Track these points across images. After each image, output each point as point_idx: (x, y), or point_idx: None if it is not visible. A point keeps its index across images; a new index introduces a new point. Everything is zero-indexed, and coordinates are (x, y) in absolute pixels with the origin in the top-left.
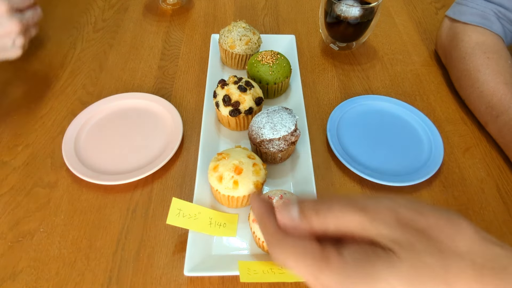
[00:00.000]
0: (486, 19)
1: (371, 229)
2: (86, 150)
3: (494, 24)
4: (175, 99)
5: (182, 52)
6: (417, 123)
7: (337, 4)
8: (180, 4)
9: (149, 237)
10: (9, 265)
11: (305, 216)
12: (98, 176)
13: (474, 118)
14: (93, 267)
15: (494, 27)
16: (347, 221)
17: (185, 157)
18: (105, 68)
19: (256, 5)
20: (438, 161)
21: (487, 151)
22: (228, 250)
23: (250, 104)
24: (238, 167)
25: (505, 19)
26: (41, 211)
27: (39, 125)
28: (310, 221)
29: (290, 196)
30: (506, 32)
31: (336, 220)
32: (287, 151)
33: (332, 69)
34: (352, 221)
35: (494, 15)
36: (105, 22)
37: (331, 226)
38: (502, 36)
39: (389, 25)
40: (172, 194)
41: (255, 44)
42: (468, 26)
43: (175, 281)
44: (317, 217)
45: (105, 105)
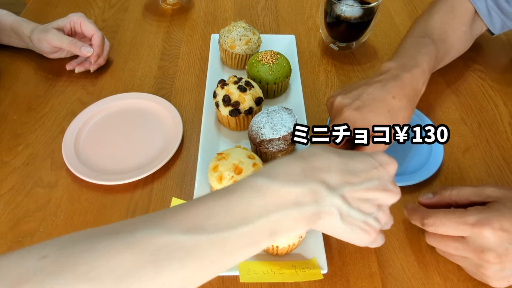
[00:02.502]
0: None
1: (482, 195)
2: (86, 150)
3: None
4: (175, 99)
5: (182, 52)
6: (417, 123)
7: (337, 4)
8: (180, 4)
9: None
10: None
11: (439, 194)
12: (98, 176)
13: (474, 118)
14: None
15: (478, 5)
16: (466, 194)
17: (185, 157)
18: (105, 68)
19: (256, 5)
20: (438, 161)
21: (487, 151)
22: None
23: (250, 104)
24: (238, 167)
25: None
26: (41, 211)
27: (39, 125)
28: (443, 197)
29: None
30: (490, 12)
31: (458, 193)
32: (287, 151)
33: (332, 69)
34: (467, 194)
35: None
36: (105, 22)
37: (454, 197)
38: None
39: (389, 25)
40: (172, 194)
41: (255, 44)
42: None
43: None
44: (445, 193)
45: (105, 105)
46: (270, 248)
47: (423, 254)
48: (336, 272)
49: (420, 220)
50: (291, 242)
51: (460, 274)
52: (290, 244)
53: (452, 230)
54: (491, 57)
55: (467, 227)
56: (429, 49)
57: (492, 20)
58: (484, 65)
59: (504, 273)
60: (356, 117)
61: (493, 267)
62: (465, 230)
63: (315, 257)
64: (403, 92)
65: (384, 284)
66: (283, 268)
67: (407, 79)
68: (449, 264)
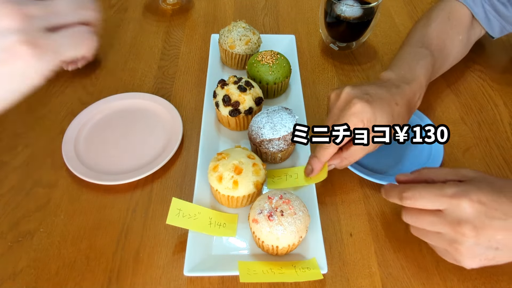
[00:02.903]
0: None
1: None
2: (86, 150)
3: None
4: (175, 99)
5: (182, 52)
6: (416, 123)
7: (337, 4)
8: (180, 4)
9: (149, 237)
10: (9, 265)
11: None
12: (98, 176)
13: (474, 118)
14: (93, 267)
15: (476, 10)
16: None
17: (185, 157)
18: (105, 68)
19: (256, 5)
20: (438, 161)
21: (487, 151)
22: (228, 250)
23: (250, 104)
24: (238, 167)
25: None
26: (41, 211)
27: (39, 125)
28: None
29: (290, 196)
30: (488, 17)
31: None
32: (287, 151)
33: (332, 69)
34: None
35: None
36: (105, 22)
37: (431, 175)
38: (482, 19)
39: (389, 25)
40: (172, 194)
41: (255, 44)
42: None
43: (175, 281)
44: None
45: (105, 105)
46: (270, 248)
47: (423, 254)
48: (336, 272)
49: (398, 195)
50: (291, 242)
51: (460, 274)
52: (290, 244)
53: (430, 203)
54: (491, 57)
55: (446, 198)
56: (427, 60)
57: (491, 24)
58: (484, 65)
59: (478, 250)
60: (367, 110)
61: (468, 241)
62: (443, 202)
63: (315, 257)
64: (404, 101)
65: (384, 284)
66: (283, 268)
67: (407, 90)
68: (449, 264)
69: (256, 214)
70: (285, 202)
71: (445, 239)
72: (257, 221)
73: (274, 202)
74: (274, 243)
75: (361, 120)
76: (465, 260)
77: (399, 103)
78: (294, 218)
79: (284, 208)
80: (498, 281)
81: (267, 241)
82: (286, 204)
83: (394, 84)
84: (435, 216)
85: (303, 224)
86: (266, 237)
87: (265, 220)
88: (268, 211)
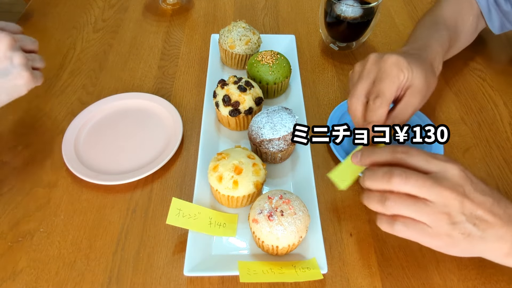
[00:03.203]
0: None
1: None
2: (86, 150)
3: None
4: (175, 99)
5: (182, 52)
6: (417, 123)
7: (337, 4)
8: (180, 4)
9: (149, 237)
10: (9, 265)
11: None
12: (98, 176)
13: (474, 118)
14: (93, 267)
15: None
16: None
17: (185, 157)
18: (105, 68)
19: (256, 5)
20: None
21: (487, 151)
22: (228, 250)
23: (250, 104)
24: (238, 167)
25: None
26: (41, 211)
27: (39, 125)
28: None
29: (290, 196)
30: (490, 9)
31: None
32: (287, 151)
33: (332, 69)
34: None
35: None
36: (105, 22)
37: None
38: (485, 12)
39: (389, 25)
40: (172, 194)
41: (255, 44)
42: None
43: (175, 281)
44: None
45: (105, 105)
46: (270, 248)
47: (423, 254)
48: (336, 272)
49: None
50: (291, 242)
51: (460, 274)
52: (290, 244)
53: (425, 162)
54: (491, 57)
55: (439, 161)
56: (442, 33)
57: (492, 18)
58: (484, 65)
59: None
60: (403, 61)
61: (456, 205)
62: (437, 164)
63: (315, 257)
64: (425, 61)
65: (384, 284)
66: (283, 268)
67: (425, 56)
68: (449, 264)
69: (256, 214)
70: (285, 202)
71: (434, 207)
72: (257, 221)
73: (274, 202)
74: (274, 243)
75: (401, 69)
76: (445, 230)
77: (426, 62)
78: (294, 218)
79: (284, 208)
80: (498, 281)
81: (267, 241)
82: (286, 204)
83: (411, 53)
84: (428, 178)
85: (303, 224)
86: (266, 237)
87: (265, 220)
88: (268, 211)
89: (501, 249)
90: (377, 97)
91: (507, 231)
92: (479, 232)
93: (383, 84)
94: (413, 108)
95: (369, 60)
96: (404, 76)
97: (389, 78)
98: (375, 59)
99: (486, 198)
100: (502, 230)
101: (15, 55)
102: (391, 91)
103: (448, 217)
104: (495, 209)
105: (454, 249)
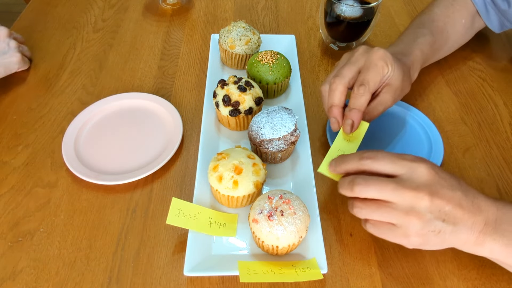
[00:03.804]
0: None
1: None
2: (86, 150)
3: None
4: (175, 99)
5: (182, 52)
6: (417, 123)
7: (337, 4)
8: (180, 4)
9: (149, 237)
10: (9, 265)
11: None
12: (98, 176)
13: (474, 118)
14: (93, 267)
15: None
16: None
17: (185, 157)
18: (105, 68)
19: (256, 5)
20: (438, 161)
21: (487, 151)
22: (228, 250)
23: (250, 104)
24: (238, 167)
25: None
26: (41, 211)
27: (39, 125)
28: None
29: (290, 196)
30: (487, 8)
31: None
32: (287, 151)
33: (332, 69)
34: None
35: None
36: (105, 22)
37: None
38: (482, 11)
39: (389, 25)
40: (172, 194)
41: (255, 44)
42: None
43: (175, 281)
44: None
45: (105, 105)
46: (270, 248)
47: (423, 254)
48: (336, 272)
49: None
50: (291, 242)
51: (460, 274)
52: (290, 244)
53: (391, 164)
54: (491, 57)
55: (406, 162)
56: (425, 38)
57: (489, 16)
58: (484, 65)
59: (428, 217)
60: (389, 55)
61: (423, 206)
62: (404, 165)
63: (315, 257)
64: (406, 69)
65: (384, 284)
66: (283, 268)
67: (405, 60)
68: (449, 264)
69: (256, 214)
70: (285, 202)
71: (401, 208)
72: (257, 221)
73: (274, 202)
74: (274, 243)
75: (386, 63)
76: (415, 229)
77: (406, 67)
78: (294, 218)
79: (284, 208)
80: (498, 281)
81: (267, 241)
82: (286, 204)
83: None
84: (395, 183)
85: (303, 224)
86: (266, 237)
87: (265, 220)
88: (268, 211)
89: (470, 239)
90: (362, 85)
91: (475, 222)
92: (450, 227)
93: (369, 73)
94: (385, 107)
95: (358, 50)
96: (388, 71)
97: (375, 69)
98: (363, 50)
99: (455, 193)
100: (470, 221)
101: (11, 41)
102: (375, 82)
103: (416, 217)
104: (463, 202)
105: (426, 246)
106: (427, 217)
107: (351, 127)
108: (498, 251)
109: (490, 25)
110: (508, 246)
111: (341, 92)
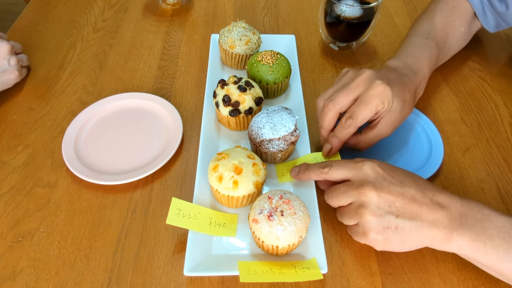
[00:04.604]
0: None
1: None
2: (86, 150)
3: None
4: (175, 99)
5: (182, 52)
6: (417, 123)
7: (337, 4)
8: (180, 4)
9: (149, 237)
10: (9, 265)
11: None
12: (98, 176)
13: (474, 118)
14: (93, 267)
15: (474, 1)
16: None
17: (185, 157)
18: (105, 68)
19: (256, 5)
20: (438, 161)
21: (487, 151)
22: (228, 250)
23: (250, 104)
24: (238, 167)
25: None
26: (41, 211)
27: (39, 125)
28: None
29: (290, 196)
30: (485, 10)
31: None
32: (287, 151)
33: (332, 69)
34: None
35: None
36: (105, 22)
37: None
38: (479, 13)
39: (389, 25)
40: (172, 194)
41: (255, 44)
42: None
43: (175, 281)
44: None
45: (105, 105)
46: (270, 248)
47: (423, 254)
48: (336, 272)
49: (319, 168)
50: (291, 242)
51: (460, 274)
52: (290, 244)
53: (345, 170)
54: (491, 57)
55: (353, 164)
56: (432, 52)
57: (487, 18)
58: (484, 65)
59: (379, 213)
60: (388, 93)
61: (370, 201)
62: (350, 169)
63: (315, 257)
64: (412, 90)
65: (384, 284)
66: (283, 268)
67: (414, 80)
68: (449, 264)
69: (256, 214)
70: (285, 202)
71: (354, 207)
72: (257, 221)
73: (274, 202)
74: (274, 243)
75: (382, 101)
76: (370, 226)
77: (410, 91)
78: (294, 218)
79: (284, 208)
80: (498, 281)
81: (267, 241)
82: (286, 204)
83: (403, 72)
84: (345, 186)
85: (303, 224)
86: (266, 237)
87: (265, 220)
88: (268, 211)
89: (437, 236)
90: (350, 118)
91: (437, 218)
92: (407, 222)
93: (360, 108)
94: (382, 137)
95: (362, 74)
96: (383, 108)
97: (368, 106)
98: (366, 77)
99: (405, 189)
100: (430, 217)
101: (11, 58)
102: (364, 118)
103: (368, 213)
104: (418, 198)
105: (390, 244)
106: (378, 212)
107: (328, 152)
108: (466, 247)
109: (486, 26)
110: (475, 241)
111: (332, 118)
